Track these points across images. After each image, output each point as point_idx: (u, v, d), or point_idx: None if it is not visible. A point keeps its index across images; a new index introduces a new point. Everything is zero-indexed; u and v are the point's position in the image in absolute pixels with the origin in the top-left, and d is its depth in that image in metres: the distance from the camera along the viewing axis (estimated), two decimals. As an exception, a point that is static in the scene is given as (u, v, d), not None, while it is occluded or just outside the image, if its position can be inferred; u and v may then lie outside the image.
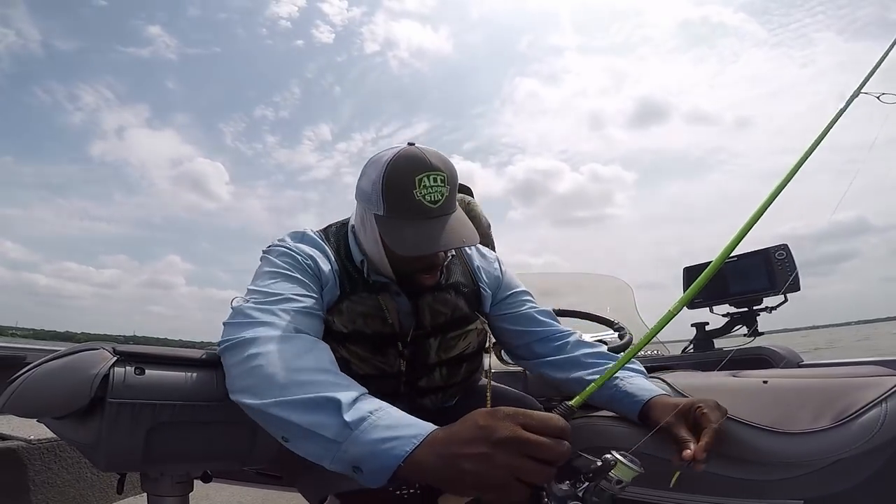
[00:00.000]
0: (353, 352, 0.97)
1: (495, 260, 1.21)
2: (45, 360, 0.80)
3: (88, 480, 1.55)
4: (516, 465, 0.58)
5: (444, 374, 1.08)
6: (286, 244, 1.00)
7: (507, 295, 1.17)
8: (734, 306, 1.65)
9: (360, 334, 0.97)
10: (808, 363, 1.34)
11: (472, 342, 1.08)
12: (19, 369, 0.81)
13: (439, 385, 1.09)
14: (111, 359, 0.79)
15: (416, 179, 0.87)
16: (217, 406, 0.87)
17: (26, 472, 1.38)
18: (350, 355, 0.97)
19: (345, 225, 1.09)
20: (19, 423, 1.50)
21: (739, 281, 1.60)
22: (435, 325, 1.03)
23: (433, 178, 0.88)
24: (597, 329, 1.98)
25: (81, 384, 0.76)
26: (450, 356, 1.06)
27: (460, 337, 1.06)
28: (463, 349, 1.07)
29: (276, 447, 0.98)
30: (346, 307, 0.97)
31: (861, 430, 0.79)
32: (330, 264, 0.99)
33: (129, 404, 0.79)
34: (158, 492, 0.92)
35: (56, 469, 1.46)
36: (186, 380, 0.85)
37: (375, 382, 0.96)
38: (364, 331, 0.97)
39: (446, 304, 1.04)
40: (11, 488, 1.35)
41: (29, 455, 1.39)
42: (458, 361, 1.08)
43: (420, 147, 0.92)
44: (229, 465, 0.96)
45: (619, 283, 2.46)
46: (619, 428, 1.01)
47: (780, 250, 1.52)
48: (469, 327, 1.07)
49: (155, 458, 0.85)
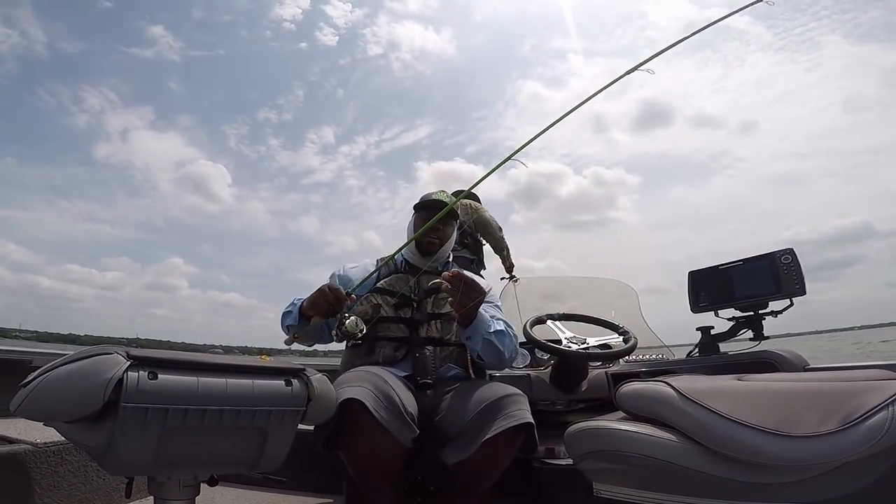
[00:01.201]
0: (385, 299, 1.56)
1: (490, 288, 1.61)
2: (58, 363, 0.80)
3: (94, 484, 1.56)
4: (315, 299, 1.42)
5: (439, 327, 1.55)
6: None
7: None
8: (739, 310, 1.65)
9: (391, 290, 1.58)
10: (814, 367, 1.34)
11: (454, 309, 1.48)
12: (26, 373, 0.81)
13: (436, 337, 1.53)
14: (125, 363, 0.79)
15: (433, 192, 1.73)
16: (228, 411, 0.88)
17: (33, 476, 1.38)
18: (382, 301, 1.56)
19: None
20: (26, 426, 1.50)
21: (745, 285, 1.60)
22: (430, 288, 1.56)
23: (442, 192, 1.75)
24: (602, 333, 1.99)
25: (95, 388, 0.77)
26: (440, 311, 1.55)
27: (446, 299, 1.50)
28: (449, 310, 1.49)
29: (284, 452, 0.99)
30: (389, 277, 1.62)
31: (868, 434, 0.80)
32: (371, 263, 1.69)
33: (141, 409, 0.79)
34: (165, 495, 0.93)
35: (62, 472, 1.46)
36: (198, 385, 0.85)
37: (395, 321, 1.54)
38: (395, 288, 1.58)
39: (437, 277, 1.47)
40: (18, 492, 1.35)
41: (35, 458, 1.39)
42: (449, 320, 1.54)
43: None
44: (238, 469, 0.96)
45: (625, 288, 2.47)
46: (622, 431, 1.01)
47: (785, 254, 1.52)
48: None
49: (165, 462, 0.86)
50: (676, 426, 0.97)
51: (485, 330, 1.42)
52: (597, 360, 1.94)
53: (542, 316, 2.04)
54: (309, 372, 1.01)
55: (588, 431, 1.08)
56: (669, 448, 0.94)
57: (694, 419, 0.93)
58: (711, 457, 0.91)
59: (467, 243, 3.29)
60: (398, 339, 1.53)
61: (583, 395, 1.88)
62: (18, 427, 1.52)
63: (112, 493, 1.60)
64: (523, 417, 1.21)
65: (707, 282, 1.69)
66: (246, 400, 0.90)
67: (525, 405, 1.27)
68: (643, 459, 0.96)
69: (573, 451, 1.15)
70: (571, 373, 1.90)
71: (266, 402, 0.92)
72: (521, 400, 1.28)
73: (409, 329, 1.54)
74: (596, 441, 1.06)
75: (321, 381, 1.02)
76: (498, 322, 1.49)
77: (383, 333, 1.53)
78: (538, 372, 2.02)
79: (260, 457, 0.95)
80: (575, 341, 1.92)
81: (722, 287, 1.65)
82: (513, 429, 1.18)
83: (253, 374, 0.93)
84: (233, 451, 0.93)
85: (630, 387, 1.13)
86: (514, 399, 1.26)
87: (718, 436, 0.89)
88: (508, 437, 1.19)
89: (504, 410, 1.22)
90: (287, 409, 0.95)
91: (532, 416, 1.25)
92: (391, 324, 1.54)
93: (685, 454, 0.93)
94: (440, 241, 1.65)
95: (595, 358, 1.91)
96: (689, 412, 0.94)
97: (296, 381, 0.97)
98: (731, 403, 0.91)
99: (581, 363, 1.90)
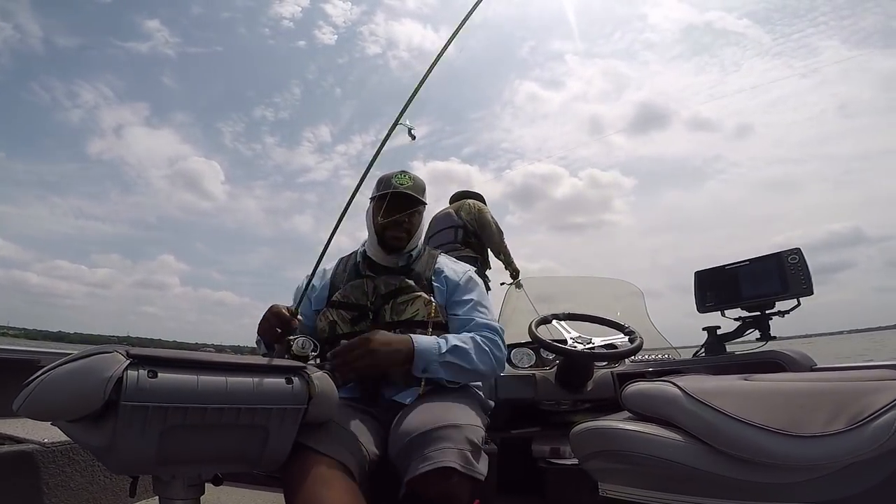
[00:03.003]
0: (340, 315, 1.40)
1: (466, 272, 1.54)
2: (59, 363, 0.81)
3: (102, 483, 1.57)
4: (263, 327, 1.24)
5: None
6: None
7: (459, 299, 1.45)
8: (746, 310, 1.64)
9: (347, 302, 1.41)
10: (821, 367, 1.33)
11: (420, 310, 1.38)
12: (33, 372, 0.82)
13: None
14: (124, 362, 0.80)
15: (392, 174, 1.49)
16: (228, 409, 0.88)
17: (41, 476, 1.39)
18: (338, 317, 1.39)
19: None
20: (33, 426, 1.52)
21: (752, 285, 1.59)
22: (387, 293, 1.40)
23: (403, 174, 1.49)
24: (607, 333, 1.98)
25: (95, 387, 0.77)
26: (401, 319, 1.37)
27: (407, 303, 1.38)
28: (412, 314, 1.37)
29: (286, 451, 0.99)
30: (345, 285, 1.45)
31: (875, 434, 0.79)
32: (331, 269, 1.56)
33: (142, 407, 0.79)
34: (170, 495, 0.93)
35: (70, 472, 1.48)
36: (198, 383, 0.85)
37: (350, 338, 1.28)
38: (350, 300, 1.41)
39: (396, 279, 1.43)
40: (26, 491, 1.36)
41: (43, 458, 1.41)
42: (409, 326, 1.36)
43: None
44: (240, 468, 0.96)
45: (631, 288, 2.46)
46: (628, 431, 1.01)
47: (793, 254, 1.51)
48: (414, 294, 1.40)
49: (167, 460, 0.86)
50: (683, 426, 0.96)
51: (435, 356, 1.25)
52: (602, 359, 1.94)
53: (547, 316, 2.04)
54: (310, 370, 1.01)
55: (594, 431, 1.08)
56: (675, 448, 0.94)
57: (700, 419, 0.92)
58: (718, 457, 0.90)
59: (471, 242, 3.30)
60: None
61: (588, 395, 1.88)
62: (26, 427, 1.53)
63: (119, 493, 1.62)
64: (439, 461, 1.01)
65: (713, 282, 1.68)
66: (246, 398, 0.89)
67: (455, 439, 1.06)
68: (649, 459, 0.96)
69: (579, 451, 1.14)
70: (577, 373, 1.90)
71: (267, 400, 0.92)
72: (452, 434, 1.07)
73: None
74: (602, 441, 1.06)
75: (322, 378, 1.01)
76: (447, 338, 1.30)
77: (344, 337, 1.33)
78: (543, 372, 2.02)
79: (262, 455, 0.95)
80: (580, 341, 1.91)
81: (728, 287, 1.64)
82: (436, 471, 1.00)
83: (253, 373, 0.93)
84: (234, 449, 0.93)
85: (636, 387, 1.12)
86: (443, 434, 1.06)
87: (725, 436, 0.88)
88: (433, 479, 1.00)
89: (425, 448, 1.04)
90: (288, 407, 0.95)
91: (477, 448, 1.08)
92: (347, 339, 1.28)
93: (691, 454, 0.92)
94: (408, 234, 1.48)
95: (601, 358, 1.90)
96: (696, 412, 0.94)
97: (296, 379, 0.97)
98: (737, 403, 0.90)
99: (587, 363, 1.89)
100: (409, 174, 1.50)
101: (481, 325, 1.40)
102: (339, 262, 1.60)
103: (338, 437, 1.08)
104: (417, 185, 1.48)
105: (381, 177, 1.53)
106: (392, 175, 1.49)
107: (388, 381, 1.32)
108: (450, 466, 1.00)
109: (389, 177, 1.49)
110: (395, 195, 1.44)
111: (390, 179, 1.48)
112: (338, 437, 1.08)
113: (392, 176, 1.49)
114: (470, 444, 1.07)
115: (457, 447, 1.04)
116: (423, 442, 1.05)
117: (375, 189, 1.52)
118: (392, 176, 1.49)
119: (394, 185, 1.45)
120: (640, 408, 1.10)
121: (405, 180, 1.47)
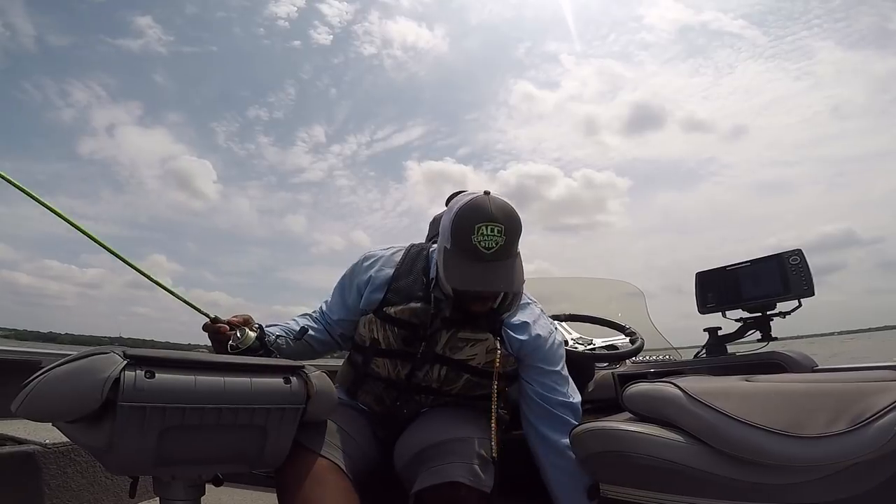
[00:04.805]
0: (388, 331, 1.18)
1: (555, 336, 1.26)
2: (57, 364, 0.81)
3: (103, 484, 1.57)
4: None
5: (443, 374, 1.19)
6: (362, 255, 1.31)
7: (545, 368, 1.23)
8: (747, 311, 1.63)
9: (400, 319, 1.17)
10: (823, 368, 1.33)
11: (480, 355, 1.18)
12: (33, 373, 0.82)
13: (433, 387, 1.20)
14: (122, 362, 0.79)
15: (476, 227, 1.03)
16: (226, 409, 0.87)
17: (42, 476, 1.39)
18: (383, 336, 1.18)
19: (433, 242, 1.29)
20: (35, 427, 1.52)
21: (753, 286, 1.59)
22: (451, 318, 1.15)
23: (490, 227, 1.03)
24: (608, 334, 1.97)
25: (92, 388, 0.77)
26: (454, 357, 1.17)
27: (468, 342, 1.17)
28: (468, 357, 1.17)
29: (285, 451, 0.99)
30: (407, 304, 1.18)
31: (877, 435, 0.78)
32: (391, 271, 1.23)
33: (139, 408, 0.79)
34: (170, 496, 0.93)
35: (71, 473, 1.48)
36: (195, 383, 0.85)
37: (391, 357, 1.19)
38: (408, 318, 1.17)
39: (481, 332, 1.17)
40: (27, 492, 1.36)
41: (44, 459, 1.41)
42: (459, 367, 1.18)
43: (492, 197, 1.08)
44: (239, 468, 0.96)
45: (632, 289, 2.45)
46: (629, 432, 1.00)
47: (794, 255, 1.50)
48: (479, 335, 1.17)
49: (166, 461, 0.86)
50: (683, 427, 0.96)
51: (584, 485, 1.14)
52: (603, 360, 1.93)
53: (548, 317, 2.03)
54: (308, 369, 1.00)
55: (595, 432, 1.07)
56: (676, 449, 0.93)
57: (701, 420, 0.92)
58: (719, 457, 0.89)
59: None
60: (387, 381, 1.21)
61: (589, 396, 1.86)
62: (28, 428, 1.53)
63: (120, 494, 1.62)
64: (447, 474, 1.00)
65: (714, 282, 1.67)
66: (244, 398, 0.89)
67: (463, 453, 1.05)
68: (650, 460, 0.95)
69: (580, 452, 1.14)
70: (578, 374, 1.89)
71: (265, 400, 0.92)
72: (460, 447, 1.06)
73: (408, 367, 1.19)
74: (603, 442, 1.05)
75: (320, 378, 1.01)
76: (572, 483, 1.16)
77: (375, 368, 1.21)
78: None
79: (261, 455, 0.95)
80: (581, 342, 1.90)
81: (729, 288, 1.63)
82: (443, 485, 0.99)
83: (251, 373, 0.93)
84: (233, 449, 0.93)
85: (637, 388, 1.12)
86: (451, 447, 1.06)
87: (726, 436, 0.88)
88: (440, 493, 1.00)
89: (433, 461, 1.04)
90: (286, 406, 0.95)
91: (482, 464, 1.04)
92: (386, 359, 1.19)
93: (692, 455, 0.92)
94: (495, 300, 1.14)
95: (601, 359, 1.89)
96: (697, 413, 0.93)
97: (294, 379, 0.97)
98: (738, 404, 0.90)
99: (587, 364, 1.88)
100: (497, 226, 1.03)
101: (565, 405, 1.22)
102: (406, 258, 1.26)
103: (333, 437, 1.08)
104: (510, 241, 1.05)
105: (460, 214, 1.06)
106: (475, 225, 1.03)
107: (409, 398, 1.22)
108: (457, 481, 1.00)
109: (471, 228, 1.03)
110: (489, 255, 1.03)
111: (471, 236, 1.02)
112: (333, 438, 1.08)
113: (474, 228, 1.03)
114: (478, 457, 1.06)
115: (465, 461, 1.04)
116: (431, 455, 1.06)
117: (450, 233, 1.07)
118: (474, 228, 1.03)
119: (477, 246, 1.02)
120: (641, 409, 1.09)
121: (492, 242, 1.02)
